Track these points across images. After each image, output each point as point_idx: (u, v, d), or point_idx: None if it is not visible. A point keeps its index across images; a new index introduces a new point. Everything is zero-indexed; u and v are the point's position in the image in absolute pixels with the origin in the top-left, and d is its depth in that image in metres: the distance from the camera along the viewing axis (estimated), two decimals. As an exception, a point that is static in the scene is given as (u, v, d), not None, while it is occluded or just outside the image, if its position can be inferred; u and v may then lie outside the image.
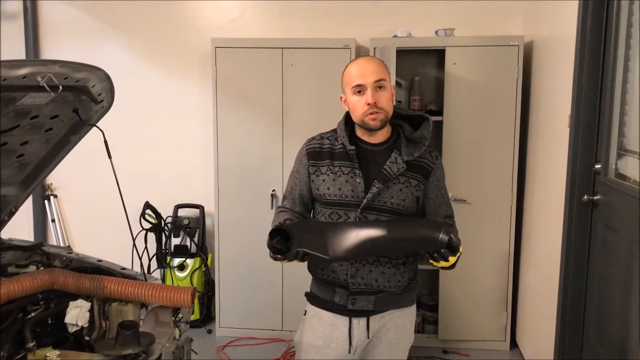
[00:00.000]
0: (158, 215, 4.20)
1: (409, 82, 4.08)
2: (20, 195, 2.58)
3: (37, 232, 4.68)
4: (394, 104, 2.09)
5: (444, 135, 3.81)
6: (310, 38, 4.04)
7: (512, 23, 4.08)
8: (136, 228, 3.93)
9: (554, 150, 3.21)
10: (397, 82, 3.92)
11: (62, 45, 4.57)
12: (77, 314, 2.14)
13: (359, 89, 1.99)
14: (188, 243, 4.31)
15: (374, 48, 3.81)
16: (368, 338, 2.10)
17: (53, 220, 4.68)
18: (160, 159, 4.56)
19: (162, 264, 4.27)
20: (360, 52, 4.06)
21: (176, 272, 4.26)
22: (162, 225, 4.27)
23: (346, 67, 2.09)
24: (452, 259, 1.83)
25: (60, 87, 1.85)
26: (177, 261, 4.26)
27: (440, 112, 3.86)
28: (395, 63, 3.45)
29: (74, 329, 2.13)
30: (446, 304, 3.94)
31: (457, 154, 3.82)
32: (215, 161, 4.03)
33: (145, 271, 3.89)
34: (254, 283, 4.10)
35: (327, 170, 2.08)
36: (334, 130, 2.14)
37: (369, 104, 1.96)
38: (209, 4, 4.40)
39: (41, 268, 2.41)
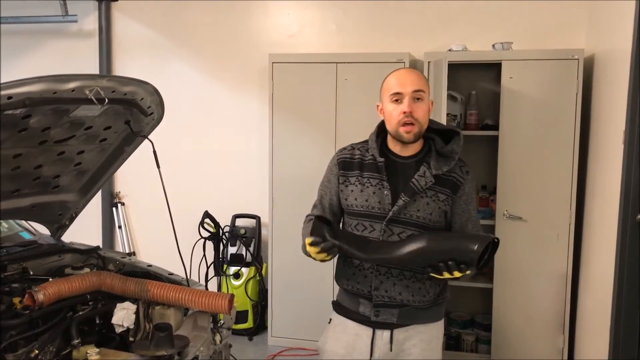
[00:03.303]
0: (217, 224, 4.33)
1: (466, 96, 4.04)
2: (79, 201, 2.75)
3: (105, 237, 4.93)
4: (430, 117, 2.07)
5: (499, 150, 3.74)
6: (364, 53, 4.07)
7: (574, 36, 3.94)
8: (196, 236, 4.08)
9: (609, 167, 3.08)
10: (452, 97, 3.89)
11: (133, 61, 4.82)
12: (123, 316, 2.24)
13: (397, 97, 1.97)
14: (244, 252, 4.41)
15: (428, 62, 3.80)
16: (391, 351, 2.07)
17: (120, 227, 4.92)
18: (220, 170, 4.71)
19: (219, 271, 4.39)
20: (416, 66, 4.05)
21: (232, 280, 4.37)
22: (220, 234, 4.39)
23: (387, 76, 2.06)
24: (456, 274, 1.79)
25: (107, 100, 1.97)
26: (232, 269, 4.38)
27: (497, 127, 3.79)
28: (448, 77, 3.41)
29: (120, 329, 2.23)
30: (500, 324, 3.83)
31: (513, 169, 3.73)
32: (270, 173, 4.13)
33: (200, 280, 4.05)
34: (306, 294, 4.14)
35: (355, 181, 2.08)
36: (366, 141, 2.13)
37: (404, 112, 1.95)
38: (269, 21, 4.53)
39: (95, 270, 2.54)
